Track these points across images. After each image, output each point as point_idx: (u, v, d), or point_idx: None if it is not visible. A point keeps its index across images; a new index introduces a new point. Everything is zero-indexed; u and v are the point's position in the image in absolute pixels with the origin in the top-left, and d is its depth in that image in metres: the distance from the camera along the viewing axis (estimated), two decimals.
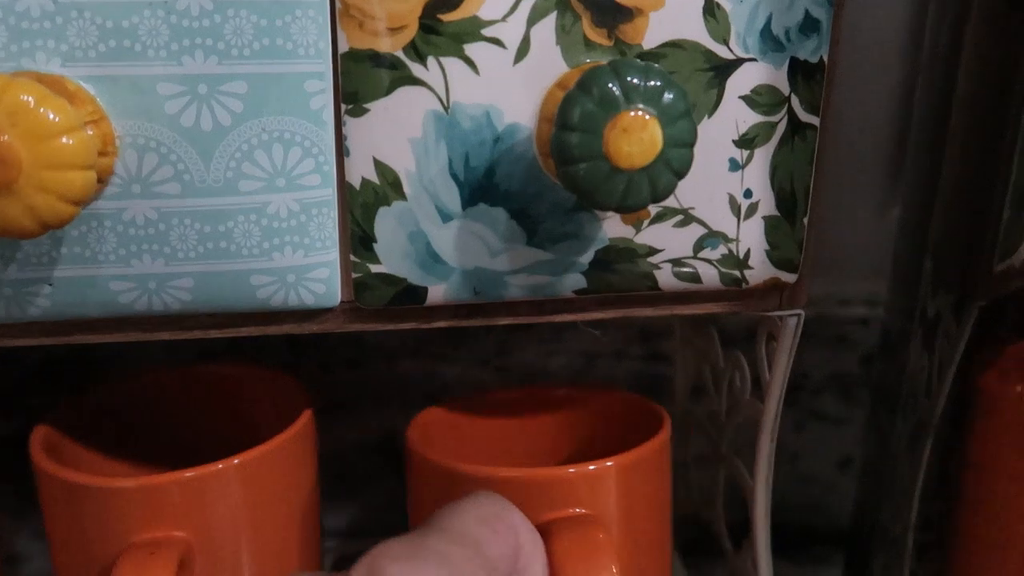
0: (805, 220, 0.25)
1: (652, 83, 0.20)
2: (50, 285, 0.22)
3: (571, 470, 0.27)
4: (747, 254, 0.25)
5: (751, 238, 0.25)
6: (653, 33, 0.23)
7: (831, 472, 0.46)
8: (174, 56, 0.21)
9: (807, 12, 0.23)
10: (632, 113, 0.20)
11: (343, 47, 0.22)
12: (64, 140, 0.18)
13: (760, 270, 0.26)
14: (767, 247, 0.25)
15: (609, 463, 0.27)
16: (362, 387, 0.41)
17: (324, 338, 0.40)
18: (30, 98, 0.18)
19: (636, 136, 0.20)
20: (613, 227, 0.24)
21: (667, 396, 0.43)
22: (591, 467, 0.27)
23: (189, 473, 0.26)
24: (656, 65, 0.21)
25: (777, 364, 0.29)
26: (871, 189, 0.40)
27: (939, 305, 0.28)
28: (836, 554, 0.46)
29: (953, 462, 0.29)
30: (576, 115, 0.20)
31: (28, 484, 0.32)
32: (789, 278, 0.26)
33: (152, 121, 0.21)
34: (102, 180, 0.21)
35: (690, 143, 0.20)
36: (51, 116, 0.18)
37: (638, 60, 0.21)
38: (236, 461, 0.27)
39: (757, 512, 0.31)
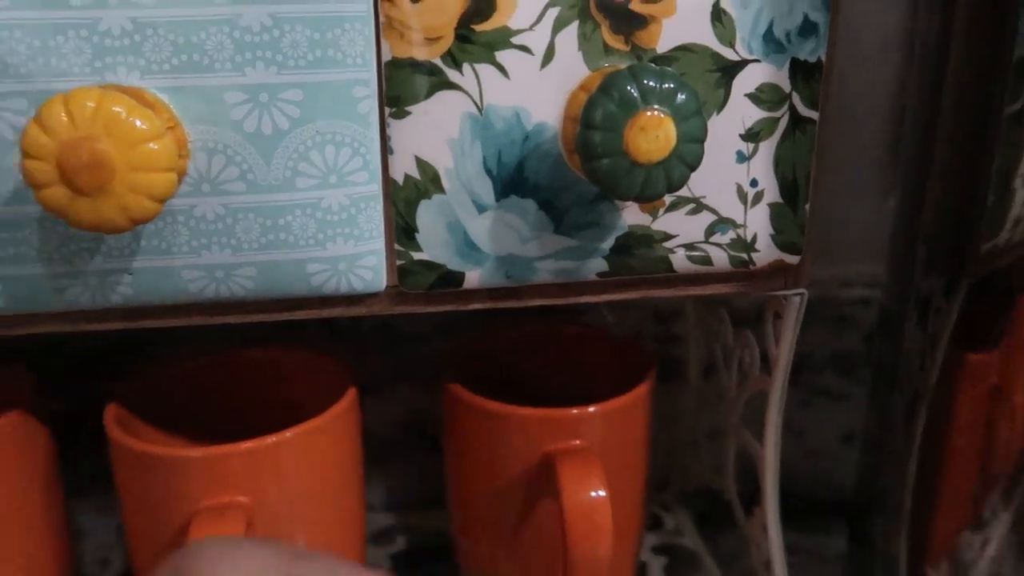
0: (807, 206, 0.28)
1: (667, 85, 0.22)
2: (130, 275, 0.24)
3: (574, 411, 0.32)
4: (754, 238, 0.28)
5: (757, 224, 0.27)
6: (666, 38, 0.25)
7: (835, 446, 0.48)
8: (238, 67, 0.23)
9: (806, 16, 0.26)
10: (649, 113, 0.22)
11: (386, 56, 0.24)
12: (151, 146, 0.21)
13: (766, 253, 0.28)
14: (772, 232, 0.28)
15: (602, 406, 0.32)
16: (393, 369, 0.44)
17: (358, 325, 0.43)
18: (121, 109, 0.20)
19: (653, 134, 0.22)
20: (632, 215, 0.26)
21: (681, 375, 0.45)
22: (591, 408, 0.32)
23: (249, 444, 0.29)
24: (670, 69, 0.23)
25: (783, 340, 0.31)
26: (871, 178, 0.42)
27: (931, 285, 0.31)
28: (841, 523, 0.48)
29: (941, 427, 0.32)
30: (599, 116, 0.22)
31: (86, 462, 0.35)
32: (793, 260, 0.28)
33: (219, 127, 0.23)
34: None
35: (701, 139, 0.23)
36: (139, 124, 0.20)
37: (653, 65, 0.23)
38: (289, 435, 0.30)
39: (767, 478, 0.34)
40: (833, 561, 0.47)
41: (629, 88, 0.22)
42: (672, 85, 0.22)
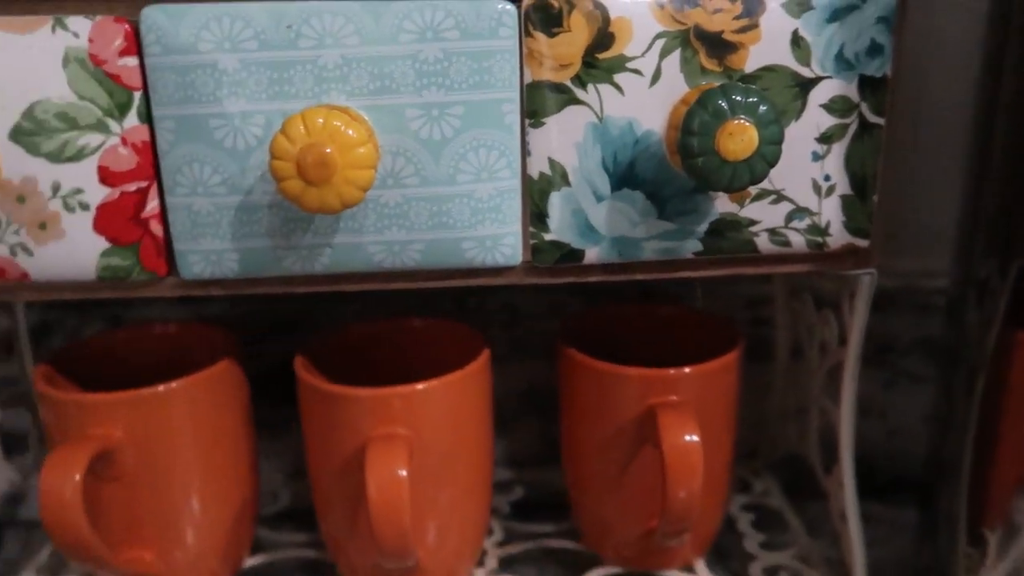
0: (874, 198, 0.33)
1: (750, 99, 0.28)
2: (330, 248, 0.32)
3: (672, 371, 0.38)
4: (827, 224, 0.33)
5: (830, 212, 0.33)
6: (752, 60, 0.31)
7: (916, 425, 0.52)
8: (417, 91, 0.30)
9: (872, 39, 0.31)
10: (736, 121, 0.28)
11: (527, 79, 0.31)
12: (360, 150, 0.28)
13: (838, 237, 0.33)
14: (843, 219, 0.33)
15: (696, 367, 0.38)
16: (514, 344, 0.51)
17: (485, 304, 0.50)
18: (340, 123, 0.28)
19: (739, 138, 0.28)
20: (723, 204, 0.32)
21: (770, 355, 0.50)
22: (687, 369, 0.38)
23: (406, 388, 0.36)
24: (754, 86, 0.29)
25: (856, 313, 0.36)
26: (952, 179, 0.46)
27: (988, 269, 0.35)
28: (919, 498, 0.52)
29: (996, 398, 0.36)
30: (696, 124, 0.28)
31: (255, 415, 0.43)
32: (863, 243, 0.34)
33: (401, 135, 0.31)
34: None
35: (778, 141, 0.29)
36: (352, 134, 0.28)
37: (740, 83, 0.29)
38: (436, 383, 0.37)
39: (843, 437, 0.39)
40: (909, 530, 0.51)
41: (720, 102, 0.28)
42: (755, 99, 0.28)
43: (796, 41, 0.31)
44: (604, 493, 0.42)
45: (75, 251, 0.32)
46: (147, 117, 0.31)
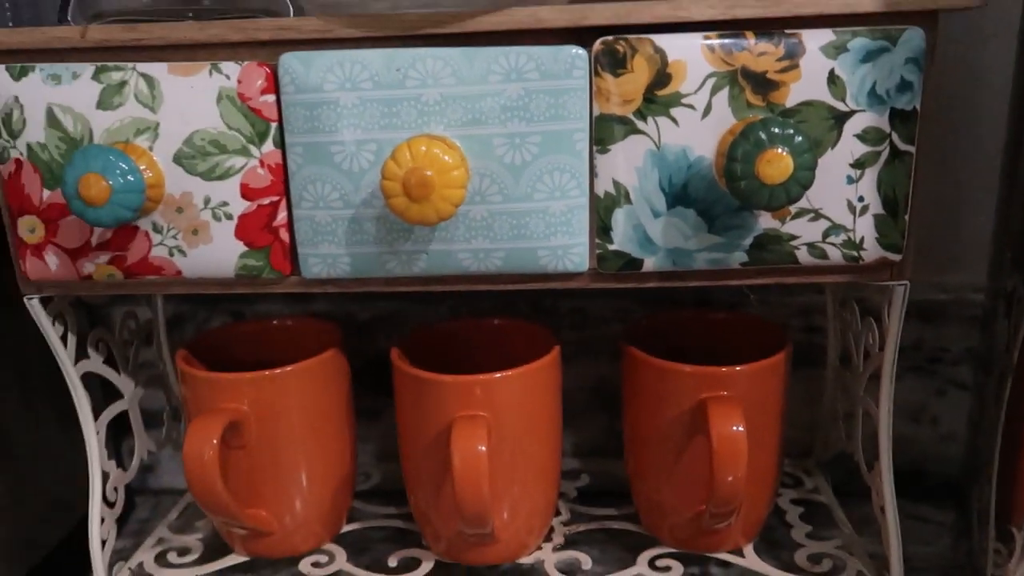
0: (906, 217, 0.37)
1: (787, 131, 0.33)
2: (426, 254, 0.38)
3: (724, 368, 0.43)
4: (861, 240, 0.37)
5: (864, 229, 0.37)
6: (792, 96, 0.35)
7: (965, 432, 0.55)
8: (502, 122, 0.36)
9: (902, 77, 0.35)
10: (774, 150, 0.33)
11: (596, 112, 0.36)
12: (454, 172, 0.34)
13: (872, 251, 0.37)
14: (876, 236, 0.37)
15: (745, 366, 0.43)
16: (582, 344, 0.56)
17: (557, 308, 0.55)
18: (439, 150, 0.34)
19: (776, 164, 0.32)
20: (766, 221, 0.37)
21: (821, 361, 0.54)
22: (737, 368, 0.43)
23: (486, 377, 0.42)
24: (791, 120, 0.33)
25: (891, 320, 0.40)
26: (991, 199, 0.49)
27: (1015, 281, 0.38)
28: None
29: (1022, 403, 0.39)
30: (739, 152, 0.33)
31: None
32: (895, 257, 0.37)
33: (488, 160, 0.36)
34: None
35: (811, 168, 0.33)
36: (447, 159, 0.34)
37: (779, 117, 0.34)
38: (511, 372, 0.42)
39: (882, 434, 0.42)
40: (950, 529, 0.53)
41: (760, 133, 0.33)
42: (791, 131, 0.33)
43: (832, 79, 0.35)
44: (660, 479, 0.46)
45: (219, 253, 0.39)
46: (281, 144, 0.37)
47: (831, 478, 0.54)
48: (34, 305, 0.41)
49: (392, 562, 0.48)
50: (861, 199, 0.36)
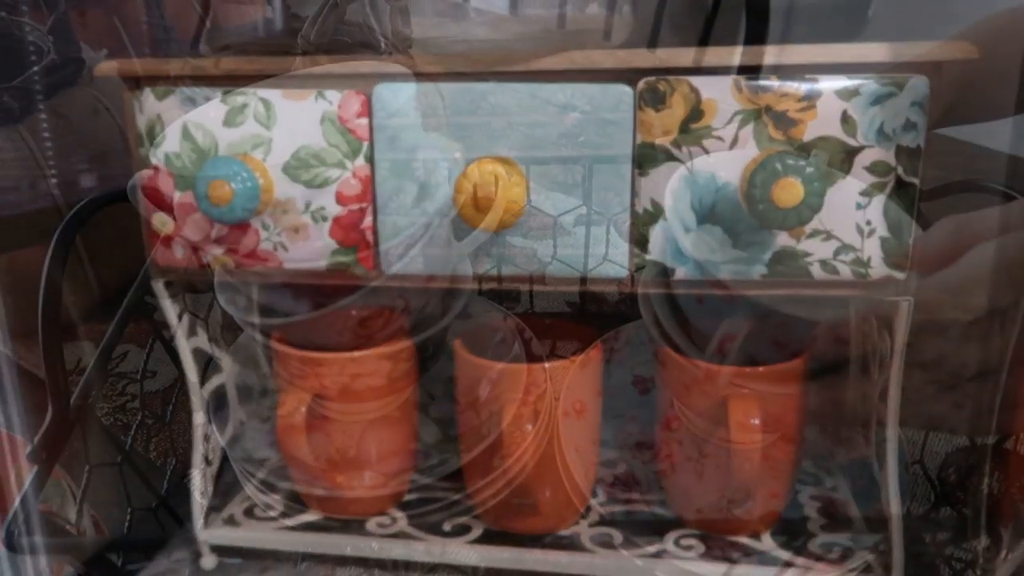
0: (910, 240, 0.42)
1: (799, 163, 0.38)
2: (489, 257, 0.44)
3: (747, 369, 0.48)
4: (869, 259, 0.42)
5: (871, 250, 0.42)
6: (809, 132, 0.41)
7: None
8: (558, 148, 0.42)
9: (907, 118, 0.40)
10: (787, 179, 0.38)
11: (638, 141, 0.42)
12: (516, 189, 0.40)
13: (878, 269, 0.42)
14: (883, 255, 0.42)
15: (765, 368, 0.48)
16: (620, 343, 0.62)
17: (602, 309, 0.61)
18: (502, 169, 0.40)
19: (788, 191, 0.38)
20: (783, 239, 0.42)
21: (844, 370, 0.58)
22: (759, 369, 0.47)
23: (539, 365, 0.48)
24: (804, 153, 0.39)
25: (897, 332, 0.45)
26: None
27: (1005, 301, 0.43)
28: None
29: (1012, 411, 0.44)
30: (758, 179, 0.39)
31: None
32: (900, 275, 0.43)
33: (545, 179, 0.43)
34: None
35: (821, 194, 0.38)
36: (509, 177, 0.40)
37: (793, 151, 0.39)
38: (558, 363, 0.48)
39: (889, 430, 0.47)
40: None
41: (776, 164, 0.38)
42: (803, 163, 0.38)
43: (845, 119, 0.40)
44: (687, 467, 0.52)
45: (315, 249, 0.46)
46: (370, 159, 0.44)
47: (852, 479, 0.59)
48: (159, 288, 0.49)
49: (447, 527, 0.54)
50: (869, 223, 0.42)
